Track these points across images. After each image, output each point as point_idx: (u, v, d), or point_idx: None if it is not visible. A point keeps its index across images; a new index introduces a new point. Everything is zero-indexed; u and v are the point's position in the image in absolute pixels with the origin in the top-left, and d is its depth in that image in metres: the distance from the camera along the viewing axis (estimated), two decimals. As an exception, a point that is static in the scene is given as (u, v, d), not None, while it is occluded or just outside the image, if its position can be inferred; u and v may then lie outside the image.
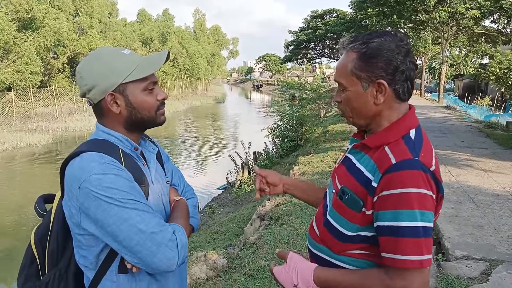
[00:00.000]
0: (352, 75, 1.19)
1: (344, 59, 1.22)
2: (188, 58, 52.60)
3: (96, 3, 34.79)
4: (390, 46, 1.15)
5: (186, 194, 1.47)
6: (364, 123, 1.25)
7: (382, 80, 1.16)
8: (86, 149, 1.20)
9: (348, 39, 1.23)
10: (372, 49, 1.16)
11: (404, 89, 1.18)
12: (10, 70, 23.41)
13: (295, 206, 5.37)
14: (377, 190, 1.12)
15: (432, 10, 23.27)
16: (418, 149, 1.14)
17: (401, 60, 1.15)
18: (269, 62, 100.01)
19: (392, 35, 1.18)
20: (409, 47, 1.18)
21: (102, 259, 1.21)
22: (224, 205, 10.26)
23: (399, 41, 1.17)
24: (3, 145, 17.70)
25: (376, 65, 1.15)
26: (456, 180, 6.46)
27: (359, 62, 1.17)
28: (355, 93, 1.20)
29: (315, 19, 50.97)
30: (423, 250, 1.08)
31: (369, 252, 1.19)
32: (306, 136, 13.01)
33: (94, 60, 1.26)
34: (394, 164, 1.10)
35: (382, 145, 1.17)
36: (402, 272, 1.09)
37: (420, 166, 1.10)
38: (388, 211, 1.09)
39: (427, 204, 1.09)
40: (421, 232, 1.07)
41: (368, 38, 1.18)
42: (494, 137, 11.31)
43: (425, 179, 1.09)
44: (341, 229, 1.21)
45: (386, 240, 1.11)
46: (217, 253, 4.18)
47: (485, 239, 4.17)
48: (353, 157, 1.26)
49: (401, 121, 1.20)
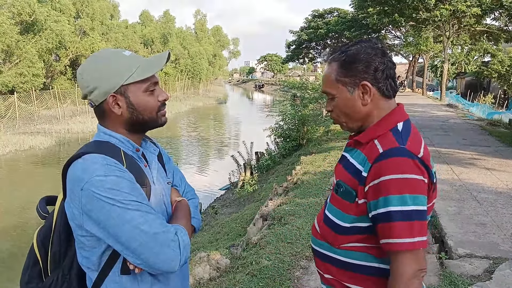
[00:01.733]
0: (337, 83, 1.28)
1: (327, 70, 1.31)
2: (189, 59, 52.68)
3: (97, 6, 34.90)
4: (366, 50, 1.24)
5: (187, 195, 1.48)
6: (357, 126, 1.33)
7: (365, 81, 1.24)
8: (88, 150, 1.20)
9: (328, 52, 1.34)
10: (351, 55, 1.25)
11: (387, 86, 1.27)
12: (13, 73, 23.49)
13: (298, 206, 5.38)
14: (367, 180, 1.19)
15: (433, 8, 23.20)
16: (405, 139, 1.20)
17: (379, 60, 1.24)
18: (270, 62, 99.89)
19: (367, 41, 1.28)
20: (384, 49, 1.27)
21: (105, 260, 1.21)
22: (227, 206, 10.27)
23: (374, 45, 1.26)
24: (7, 148, 17.76)
25: (357, 69, 1.25)
26: (458, 178, 6.45)
27: (341, 69, 1.27)
28: (344, 99, 1.29)
29: (316, 18, 50.85)
30: (415, 232, 1.13)
31: (367, 245, 1.24)
32: (308, 135, 13.01)
33: (96, 62, 1.27)
34: (381, 153, 1.17)
35: (372, 139, 1.25)
36: (396, 255, 1.14)
37: (407, 153, 1.16)
38: (380, 198, 1.15)
39: (418, 188, 1.14)
40: (413, 215, 1.12)
41: (346, 48, 1.28)
42: (497, 135, 11.27)
43: (413, 165, 1.15)
44: (337, 221, 1.27)
45: (381, 227, 1.16)
46: (220, 253, 4.18)
47: (488, 237, 4.16)
48: (348, 154, 1.34)
49: (389, 116, 1.28)
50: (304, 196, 5.88)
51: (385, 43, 1.48)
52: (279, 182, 8.60)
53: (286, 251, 3.97)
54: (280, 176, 9.93)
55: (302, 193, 6.15)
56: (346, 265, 1.28)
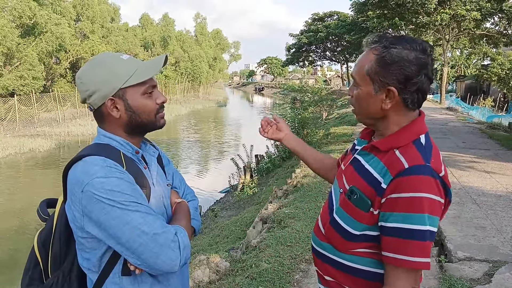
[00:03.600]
0: (367, 76, 1.22)
1: (363, 57, 1.25)
2: (189, 62, 52.76)
3: (98, 9, 35.00)
4: (408, 57, 1.17)
5: (187, 197, 1.49)
6: (369, 122, 1.30)
7: (392, 87, 1.19)
8: (88, 153, 1.21)
9: (373, 38, 1.25)
10: (391, 55, 1.18)
11: (413, 99, 1.20)
12: (13, 76, 23.52)
13: (297, 209, 5.38)
14: (386, 192, 1.15)
15: (433, 12, 23.27)
16: (429, 155, 1.17)
17: (416, 72, 1.17)
18: (270, 65, 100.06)
19: (416, 43, 1.19)
20: (428, 61, 1.19)
21: (105, 262, 1.22)
22: (227, 208, 10.26)
23: (420, 53, 1.18)
24: (6, 150, 17.77)
25: (390, 72, 1.18)
26: (458, 182, 6.45)
27: (375, 65, 1.20)
28: (366, 93, 1.24)
29: (316, 21, 51.05)
30: (427, 252, 1.12)
31: (374, 251, 1.22)
32: (308, 138, 13.01)
33: (94, 66, 1.28)
34: (407, 168, 1.13)
35: (392, 149, 1.21)
36: (399, 270, 1.14)
37: (431, 172, 1.13)
38: (398, 213, 1.12)
39: (436, 209, 1.13)
40: (427, 236, 1.11)
41: (391, 43, 1.19)
42: (496, 138, 11.28)
43: (435, 185, 1.13)
44: (347, 228, 1.24)
45: (391, 241, 1.14)
46: (219, 256, 4.18)
47: (488, 240, 4.16)
48: (362, 158, 1.30)
49: (411, 126, 1.23)
50: (304, 199, 5.88)
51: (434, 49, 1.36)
52: (279, 185, 8.60)
53: (285, 254, 3.97)
54: (280, 179, 9.93)
55: (302, 196, 6.15)
56: (350, 270, 1.26)
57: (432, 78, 1.22)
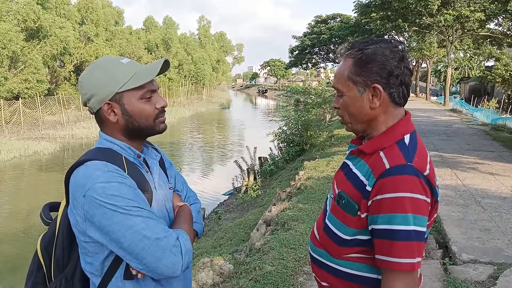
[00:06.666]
0: (349, 81, 1.23)
1: (341, 65, 1.26)
2: (193, 65, 52.89)
3: (102, 12, 35.15)
4: (384, 52, 1.19)
5: (189, 200, 1.48)
6: (361, 128, 1.29)
7: (377, 84, 1.20)
8: (90, 157, 1.22)
9: (345, 47, 1.28)
10: (367, 55, 1.20)
11: (399, 93, 1.22)
12: (18, 79, 23.65)
13: (301, 211, 5.37)
14: (371, 194, 1.15)
15: (437, 13, 23.22)
16: (412, 155, 1.16)
17: (396, 65, 1.19)
18: (273, 68, 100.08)
19: (387, 41, 1.23)
20: (404, 53, 1.22)
21: (108, 266, 1.22)
22: (230, 211, 10.27)
23: (393, 47, 1.21)
24: (11, 153, 17.85)
25: (371, 70, 1.19)
26: (462, 184, 6.42)
27: (354, 67, 1.22)
28: (352, 98, 1.24)
29: (319, 24, 51.02)
30: (415, 253, 1.11)
31: (367, 256, 1.21)
32: (312, 140, 13.00)
33: (94, 70, 1.29)
34: (388, 169, 1.14)
35: (377, 150, 1.21)
36: (395, 274, 1.13)
37: (414, 171, 1.13)
38: (383, 215, 1.12)
39: (421, 209, 1.12)
40: (413, 236, 1.10)
41: (364, 45, 1.22)
42: (501, 140, 11.23)
43: (419, 184, 1.12)
44: (338, 233, 1.24)
45: (380, 243, 1.14)
46: (223, 258, 4.18)
47: (492, 243, 4.14)
48: (350, 162, 1.30)
49: (396, 127, 1.23)
50: (307, 202, 5.87)
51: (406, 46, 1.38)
52: (282, 187, 8.59)
53: (289, 256, 3.97)
54: (283, 181, 9.92)
55: (305, 198, 6.14)
56: (345, 275, 1.25)
57: (411, 70, 1.24)
